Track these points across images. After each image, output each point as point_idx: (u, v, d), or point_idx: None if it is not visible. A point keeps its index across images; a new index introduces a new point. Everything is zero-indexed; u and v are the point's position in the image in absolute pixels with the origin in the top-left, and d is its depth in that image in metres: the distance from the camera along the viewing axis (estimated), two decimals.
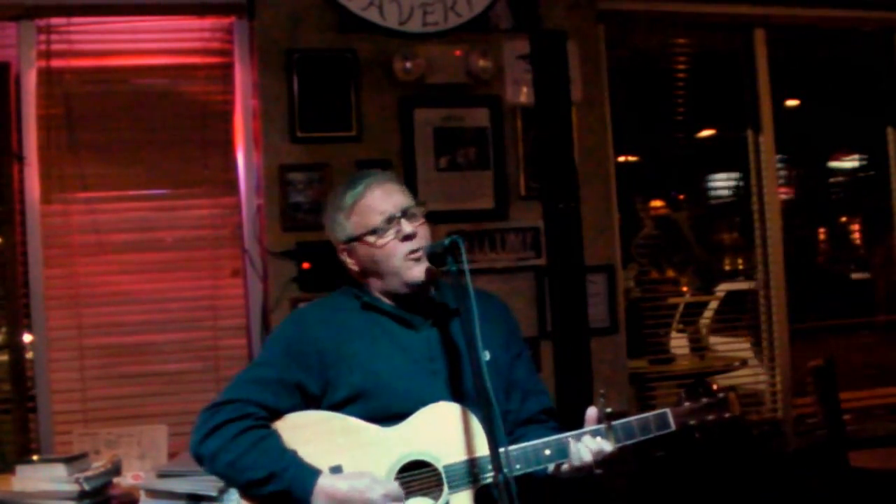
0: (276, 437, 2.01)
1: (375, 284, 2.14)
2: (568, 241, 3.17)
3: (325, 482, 1.95)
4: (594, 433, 2.02)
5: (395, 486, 1.96)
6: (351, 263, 2.15)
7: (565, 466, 2.03)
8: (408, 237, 2.06)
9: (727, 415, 2.10)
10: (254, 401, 2.03)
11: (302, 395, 2.06)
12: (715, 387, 2.13)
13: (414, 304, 2.13)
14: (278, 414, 2.05)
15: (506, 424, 2.08)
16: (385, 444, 2.01)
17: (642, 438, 2.07)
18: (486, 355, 2.09)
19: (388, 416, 2.03)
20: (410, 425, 2.02)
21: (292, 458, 1.98)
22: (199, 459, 2.06)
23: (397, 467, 2.00)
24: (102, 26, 3.74)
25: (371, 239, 2.07)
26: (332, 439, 2.02)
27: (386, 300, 2.14)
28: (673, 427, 2.08)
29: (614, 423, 2.03)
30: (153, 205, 3.81)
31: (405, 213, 2.08)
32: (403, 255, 2.06)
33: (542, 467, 2.03)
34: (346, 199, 2.11)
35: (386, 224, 2.07)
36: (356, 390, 2.04)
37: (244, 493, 2.03)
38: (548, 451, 2.02)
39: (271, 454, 1.98)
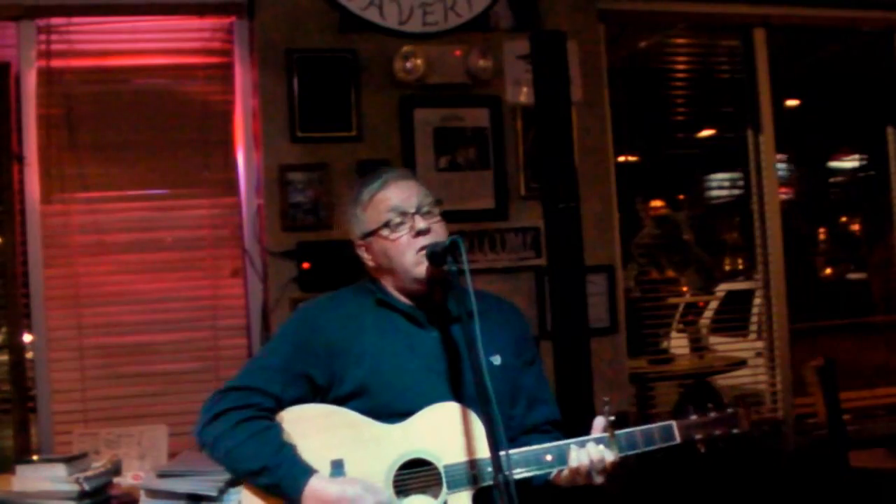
0: (276, 429, 2.02)
1: (390, 281, 2.14)
2: (568, 241, 3.16)
3: (316, 484, 1.94)
4: (597, 441, 2.02)
5: (386, 496, 1.96)
6: (368, 259, 2.15)
7: (565, 473, 2.01)
8: (421, 233, 2.06)
9: (735, 431, 2.07)
10: (260, 389, 2.04)
11: (309, 385, 2.07)
12: (726, 400, 2.09)
13: (428, 303, 2.12)
14: (284, 403, 2.05)
15: (509, 430, 2.07)
16: (387, 441, 2.01)
17: (645, 449, 2.05)
18: (497, 359, 2.10)
19: (392, 413, 2.02)
20: (413, 423, 2.02)
21: (288, 454, 1.98)
22: (202, 444, 2.08)
23: (398, 465, 2.00)
24: (102, 26, 3.74)
25: (385, 233, 2.08)
26: (334, 433, 2.02)
27: (401, 298, 2.14)
28: (678, 440, 2.06)
29: (617, 432, 2.02)
30: (153, 205, 3.81)
31: (419, 210, 2.08)
32: (415, 252, 2.06)
33: (542, 472, 2.02)
34: (364, 194, 2.12)
35: (399, 218, 2.07)
36: (361, 385, 2.05)
37: (243, 481, 2.04)
38: (549, 457, 2.01)
39: (268, 447, 1.98)
